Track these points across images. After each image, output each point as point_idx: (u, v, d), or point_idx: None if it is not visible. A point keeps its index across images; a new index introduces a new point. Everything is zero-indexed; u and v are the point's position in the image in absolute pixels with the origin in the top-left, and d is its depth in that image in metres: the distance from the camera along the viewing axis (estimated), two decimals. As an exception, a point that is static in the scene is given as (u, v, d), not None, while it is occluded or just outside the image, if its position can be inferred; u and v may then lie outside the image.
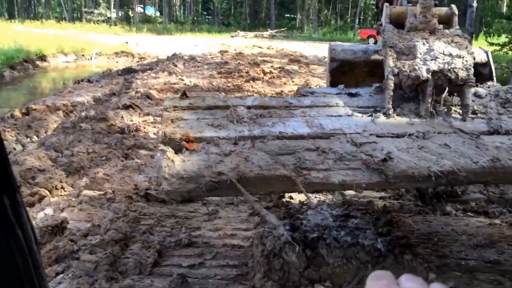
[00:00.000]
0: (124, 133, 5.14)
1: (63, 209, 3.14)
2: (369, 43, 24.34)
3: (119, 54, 18.85)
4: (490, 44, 15.08)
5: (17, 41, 16.58)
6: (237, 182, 1.64)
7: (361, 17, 45.10)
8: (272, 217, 1.89)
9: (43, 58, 16.61)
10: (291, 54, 17.32)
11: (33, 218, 2.85)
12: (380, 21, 2.90)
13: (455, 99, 2.24)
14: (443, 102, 2.16)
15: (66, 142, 4.61)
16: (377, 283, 0.49)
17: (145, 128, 5.53)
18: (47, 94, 9.96)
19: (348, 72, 2.73)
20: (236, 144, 1.85)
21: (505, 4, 27.01)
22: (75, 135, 4.84)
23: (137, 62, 16.89)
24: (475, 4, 16.06)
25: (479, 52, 2.64)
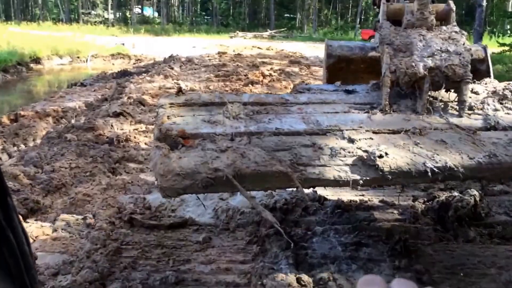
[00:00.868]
0: (112, 144, 4.77)
1: (35, 238, 2.77)
2: (370, 44, 23.98)
3: (115, 56, 18.50)
4: (501, 44, 14.68)
5: (10, 43, 16.23)
6: (233, 178, 1.63)
7: (362, 17, 44.60)
8: (268, 214, 1.85)
9: (37, 60, 16.25)
10: (291, 55, 16.98)
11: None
12: (377, 18, 2.87)
13: (452, 95, 2.22)
14: (440, 99, 2.18)
15: (48, 155, 4.24)
16: None
17: (135, 138, 5.16)
18: (40, 98, 9.61)
19: (345, 69, 2.73)
20: (232, 140, 1.83)
21: (511, 3, 26.59)
22: (58, 147, 4.47)
23: (133, 64, 16.53)
24: (484, 3, 15.37)
25: (476, 48, 2.61)
